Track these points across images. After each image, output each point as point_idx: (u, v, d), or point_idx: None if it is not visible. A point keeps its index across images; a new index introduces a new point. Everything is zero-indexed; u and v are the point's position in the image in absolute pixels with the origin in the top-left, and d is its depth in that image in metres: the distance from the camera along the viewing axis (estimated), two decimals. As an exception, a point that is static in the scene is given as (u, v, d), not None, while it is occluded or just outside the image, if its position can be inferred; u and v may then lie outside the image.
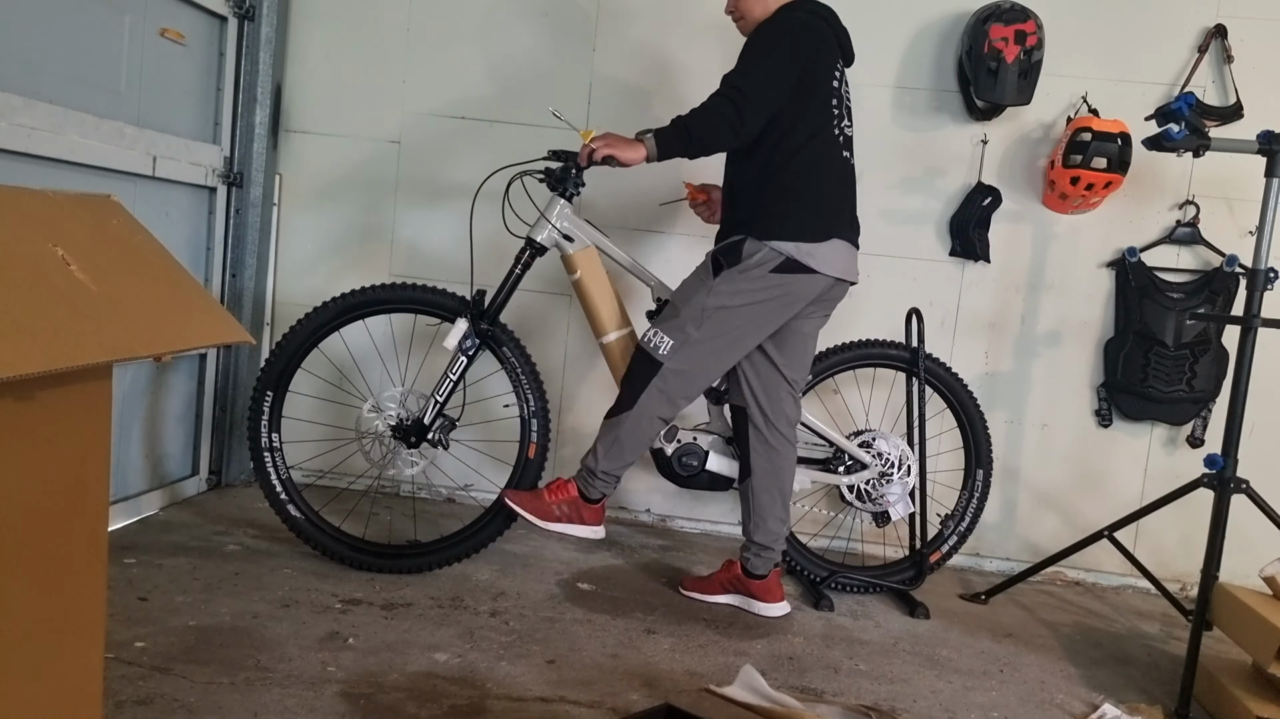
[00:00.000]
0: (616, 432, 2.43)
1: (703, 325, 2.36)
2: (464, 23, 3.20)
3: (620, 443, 2.44)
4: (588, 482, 2.48)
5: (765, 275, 2.33)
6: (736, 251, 2.36)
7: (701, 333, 2.37)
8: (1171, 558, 3.08)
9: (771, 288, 2.34)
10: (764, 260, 2.34)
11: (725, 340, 2.39)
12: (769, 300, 2.36)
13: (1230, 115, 2.97)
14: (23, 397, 0.98)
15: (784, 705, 1.85)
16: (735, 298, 2.35)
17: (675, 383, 2.40)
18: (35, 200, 1.09)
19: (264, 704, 1.77)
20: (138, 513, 2.80)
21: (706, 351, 2.39)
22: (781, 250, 2.33)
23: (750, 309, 2.36)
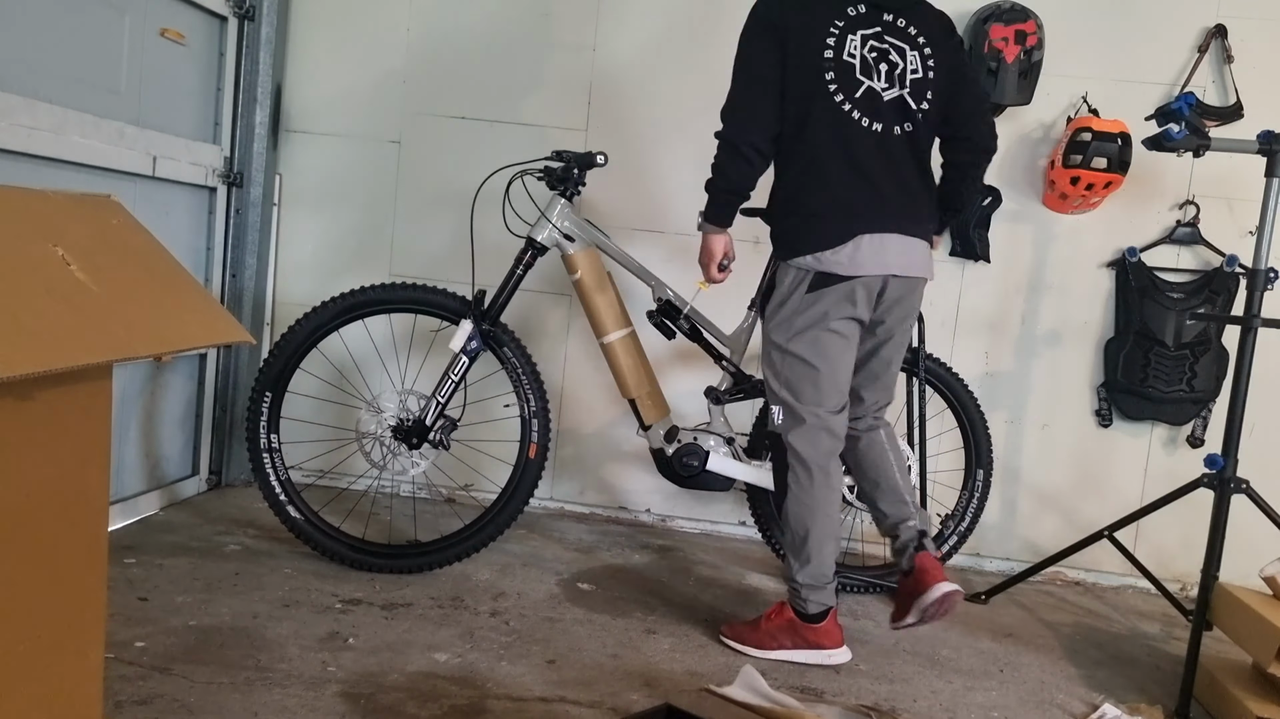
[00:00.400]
0: (788, 526, 2.23)
1: (781, 375, 2.21)
2: (464, 23, 3.20)
3: (795, 533, 2.21)
4: (795, 596, 2.23)
5: (803, 297, 2.15)
6: (771, 284, 2.27)
7: (785, 384, 2.21)
8: (1171, 558, 3.08)
9: (817, 306, 2.14)
10: (794, 282, 2.16)
11: (807, 378, 2.18)
12: (822, 319, 2.14)
13: (1230, 115, 2.97)
14: (23, 396, 0.98)
15: (784, 705, 1.85)
16: (789, 333, 2.18)
17: (800, 440, 2.20)
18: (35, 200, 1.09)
19: (264, 704, 1.77)
20: (138, 513, 2.80)
21: (801, 395, 2.19)
22: (804, 266, 2.13)
23: (805, 335, 2.16)
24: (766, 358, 2.26)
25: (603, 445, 3.29)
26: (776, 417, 2.25)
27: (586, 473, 3.32)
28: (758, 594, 2.67)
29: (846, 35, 2.10)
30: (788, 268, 2.18)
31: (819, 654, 2.21)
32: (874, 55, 2.11)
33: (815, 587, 2.20)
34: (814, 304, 2.14)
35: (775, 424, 2.26)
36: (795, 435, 2.20)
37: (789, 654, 2.21)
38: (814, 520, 2.19)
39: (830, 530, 2.21)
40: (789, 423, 2.22)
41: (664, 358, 3.01)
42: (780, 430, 2.24)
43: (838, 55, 2.09)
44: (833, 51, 2.09)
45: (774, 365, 2.23)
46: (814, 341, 2.16)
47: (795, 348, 2.18)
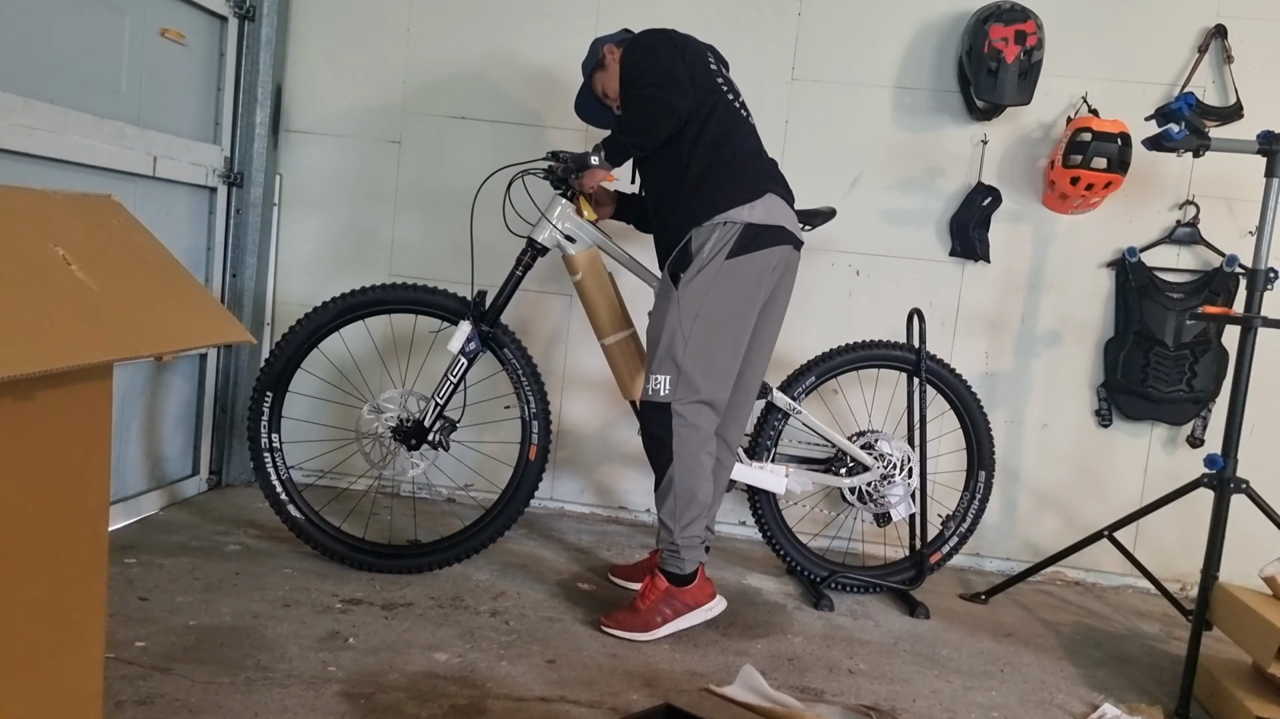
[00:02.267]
0: (672, 491, 2.30)
1: (689, 343, 2.26)
2: (464, 23, 3.20)
3: (680, 498, 2.29)
4: (674, 558, 2.32)
5: (724, 262, 2.25)
6: (686, 252, 2.29)
7: (690, 353, 2.26)
8: (1171, 558, 3.08)
9: (735, 270, 2.26)
10: (719, 243, 2.26)
11: (717, 345, 2.28)
12: (737, 284, 2.27)
13: (1230, 115, 2.97)
14: (23, 396, 0.98)
15: (784, 705, 1.86)
16: (705, 297, 2.26)
17: (692, 411, 2.28)
18: (35, 200, 1.09)
19: (264, 704, 1.77)
20: (138, 513, 2.80)
21: (704, 367, 2.27)
22: (732, 219, 2.26)
23: (724, 301, 2.26)
24: (670, 324, 2.28)
25: (603, 446, 3.29)
26: (664, 386, 2.28)
27: (586, 473, 3.32)
28: (758, 594, 2.67)
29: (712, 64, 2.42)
30: (709, 230, 2.28)
31: (701, 613, 2.34)
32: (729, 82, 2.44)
33: (693, 547, 2.32)
34: (732, 270, 2.26)
35: (661, 394, 2.28)
36: (687, 405, 2.27)
37: (676, 624, 2.30)
38: (698, 483, 2.29)
39: (708, 495, 2.33)
40: (682, 392, 2.27)
41: (664, 358, 3.00)
42: (666, 400, 2.27)
43: (719, 74, 2.41)
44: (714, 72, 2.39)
45: (682, 332, 2.26)
46: (731, 307, 2.28)
47: (710, 313, 2.26)
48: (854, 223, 3.12)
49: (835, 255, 3.15)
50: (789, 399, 2.69)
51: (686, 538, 2.31)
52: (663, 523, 2.33)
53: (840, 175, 3.14)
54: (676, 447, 2.28)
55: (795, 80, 3.13)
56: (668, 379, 2.28)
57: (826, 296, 3.16)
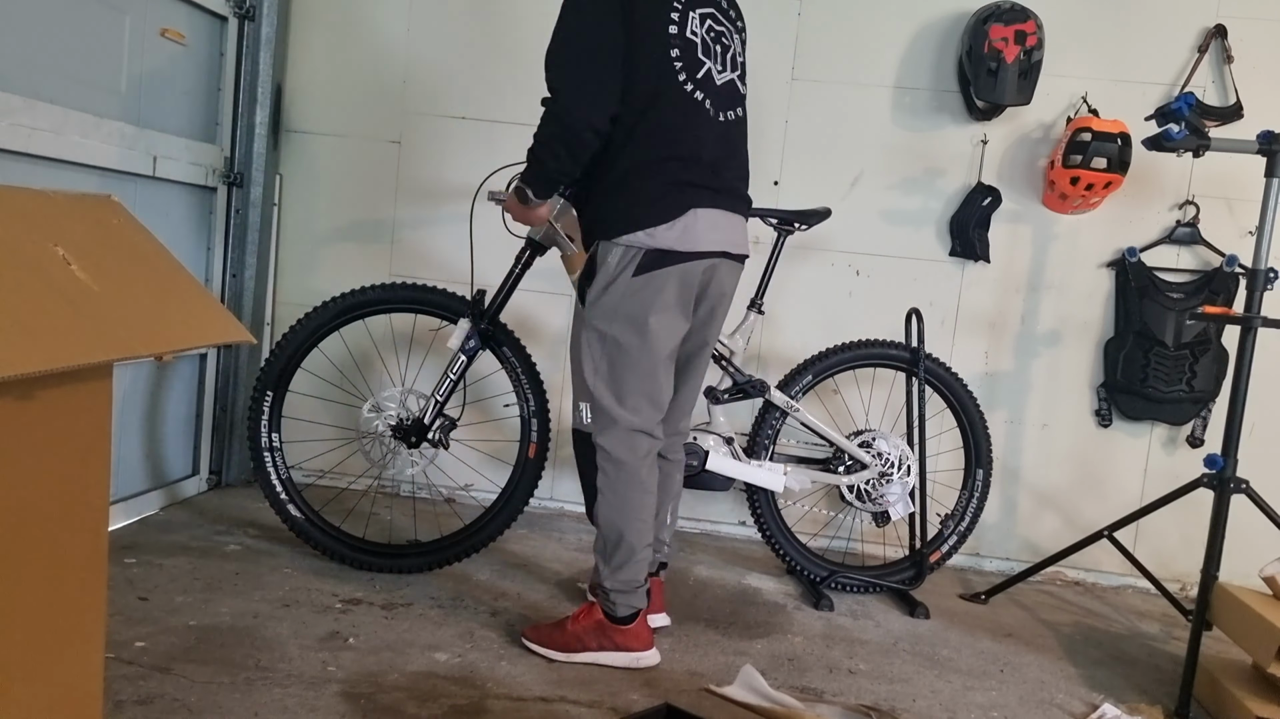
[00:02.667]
0: (600, 532, 2.10)
1: (599, 368, 2.02)
2: (464, 23, 3.20)
3: (608, 540, 2.08)
4: (605, 599, 2.10)
5: (629, 281, 1.97)
6: (591, 265, 2.03)
7: (602, 378, 2.02)
8: (1171, 558, 3.08)
9: (644, 290, 1.97)
10: (621, 262, 1.98)
11: (631, 371, 2.01)
12: (646, 304, 1.98)
13: (1230, 115, 2.97)
14: (23, 396, 0.98)
15: (784, 705, 1.86)
16: (614, 320, 2.00)
17: (617, 443, 2.04)
18: (35, 200, 1.09)
19: (264, 704, 1.77)
20: (138, 513, 2.80)
21: (620, 394, 2.03)
22: (634, 243, 1.95)
23: (633, 323, 1.99)
24: (582, 348, 2.05)
25: (603, 445, 3.29)
26: (585, 415, 2.08)
27: (586, 473, 3.31)
28: (758, 594, 2.67)
29: (688, 12, 1.99)
30: (613, 246, 1.98)
31: (628, 657, 2.09)
32: (711, 36, 2.03)
33: (625, 591, 2.08)
34: (643, 287, 1.97)
35: (584, 422, 2.09)
36: (608, 437, 2.04)
37: (595, 656, 2.08)
38: (627, 525, 2.05)
39: (644, 536, 2.07)
40: (602, 422, 2.04)
41: (664, 358, 3.00)
42: (589, 430, 2.07)
43: (681, 32, 1.98)
44: (677, 27, 1.97)
45: (591, 355, 2.03)
46: (642, 328, 1.99)
47: (620, 334, 2.00)
48: (854, 222, 3.12)
49: (835, 255, 3.15)
50: (787, 398, 2.69)
51: (618, 582, 2.07)
52: (597, 562, 2.13)
53: (840, 175, 3.14)
54: (601, 484, 2.07)
55: (795, 80, 3.13)
56: (587, 407, 2.07)
57: (826, 296, 3.16)
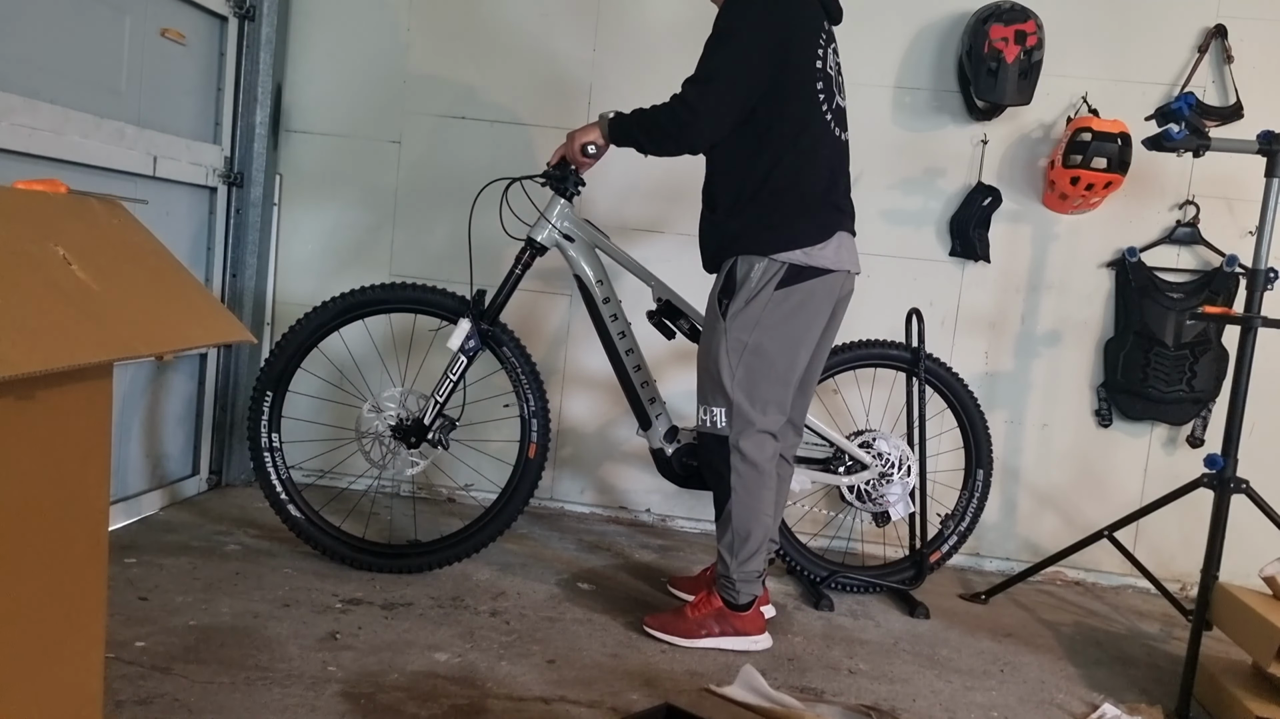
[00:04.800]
0: (730, 526, 2.24)
1: (737, 375, 2.16)
2: (464, 22, 3.20)
3: (739, 534, 2.23)
4: (728, 589, 2.27)
5: (773, 294, 2.14)
6: (733, 279, 2.18)
7: (740, 384, 2.17)
8: (1171, 558, 3.08)
9: (786, 302, 2.15)
10: (767, 275, 2.14)
11: (767, 378, 2.18)
12: (788, 316, 2.16)
13: (1230, 115, 2.97)
14: (23, 396, 0.98)
15: (784, 705, 1.86)
16: (755, 329, 2.15)
17: (752, 445, 2.20)
18: (35, 200, 1.09)
19: (264, 704, 1.77)
20: (138, 513, 2.80)
21: (755, 399, 2.18)
22: (786, 260, 2.13)
23: (774, 333, 2.15)
24: (719, 356, 2.18)
25: (603, 445, 3.29)
26: (719, 419, 2.20)
27: (586, 473, 3.32)
28: (758, 594, 2.67)
29: (826, 49, 2.19)
30: (757, 261, 2.15)
31: (746, 641, 2.26)
32: (835, 70, 2.24)
33: (749, 581, 2.26)
34: (785, 300, 2.15)
35: (718, 427, 2.21)
36: (746, 439, 2.19)
37: (716, 642, 2.25)
38: (757, 523, 2.23)
39: (768, 531, 2.27)
40: (739, 425, 2.19)
41: (664, 358, 3.01)
42: (726, 433, 2.20)
43: (823, 67, 2.17)
44: (821, 63, 2.17)
45: (729, 364, 2.17)
46: (778, 339, 2.16)
47: (760, 344, 2.16)
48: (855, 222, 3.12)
49: (835, 255, 3.15)
50: (789, 399, 2.69)
51: (743, 573, 2.26)
52: (720, 554, 2.28)
53: (840, 175, 3.14)
54: (735, 483, 2.22)
55: (795, 80, 3.13)
56: (722, 412, 2.20)
57: (826, 296, 3.16)
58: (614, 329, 2.59)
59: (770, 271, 2.14)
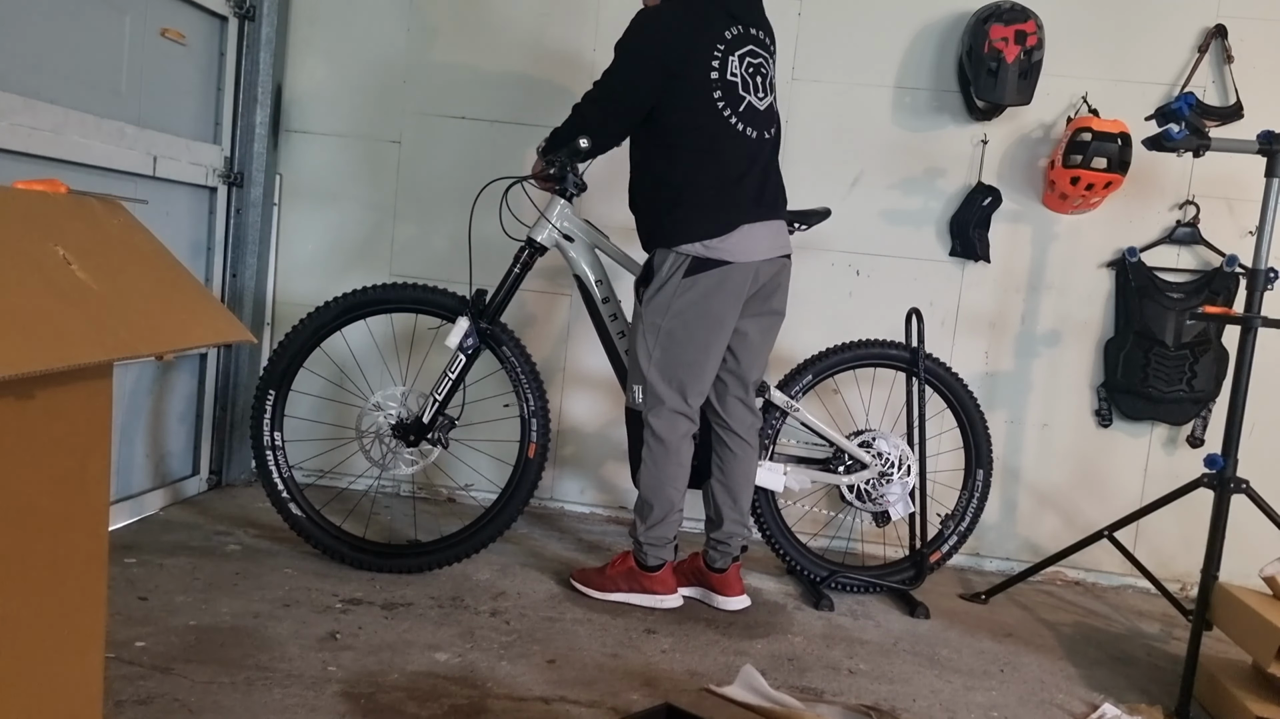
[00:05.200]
0: (640, 494, 2.46)
1: (653, 356, 2.36)
2: (464, 23, 3.20)
3: (645, 501, 2.45)
4: (639, 550, 2.48)
5: (681, 280, 2.32)
6: (649, 268, 2.40)
7: (655, 364, 2.36)
8: (1171, 558, 3.08)
9: (694, 289, 2.32)
10: (675, 266, 2.33)
11: (679, 360, 2.36)
12: (700, 301, 2.32)
13: (1230, 115, 2.97)
14: (23, 396, 0.98)
15: (784, 705, 1.86)
16: (666, 314, 2.34)
17: (662, 423, 2.39)
18: (35, 200, 1.09)
19: (264, 704, 1.77)
20: (139, 512, 2.80)
21: (669, 379, 2.37)
22: (688, 252, 2.31)
23: (685, 318, 2.33)
24: (638, 338, 2.39)
25: (603, 445, 3.29)
26: (637, 395, 2.41)
27: (586, 472, 3.32)
28: (758, 594, 2.67)
29: (728, 57, 2.32)
30: (669, 254, 2.34)
31: (653, 598, 2.48)
32: (750, 71, 2.36)
33: (657, 545, 2.47)
34: (693, 286, 2.32)
35: (636, 402, 2.42)
36: (656, 417, 2.39)
37: (626, 597, 2.48)
38: (661, 493, 2.43)
39: (675, 502, 2.45)
40: (651, 403, 2.39)
41: (664, 358, 3.00)
42: (641, 409, 2.41)
43: (722, 75, 2.31)
44: (718, 73, 2.31)
45: (646, 345, 2.37)
46: (687, 324, 2.34)
47: (671, 328, 2.34)
48: (854, 223, 3.12)
49: (835, 255, 3.15)
50: (786, 397, 2.69)
51: (649, 538, 2.46)
52: (635, 519, 2.50)
53: (840, 175, 3.14)
54: (645, 456, 2.43)
55: (795, 80, 3.13)
56: (639, 388, 2.41)
57: (827, 296, 3.16)
58: (614, 329, 2.60)
59: (676, 263, 2.33)
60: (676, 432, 2.40)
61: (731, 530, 2.52)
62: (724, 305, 2.34)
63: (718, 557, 2.53)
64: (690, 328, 2.34)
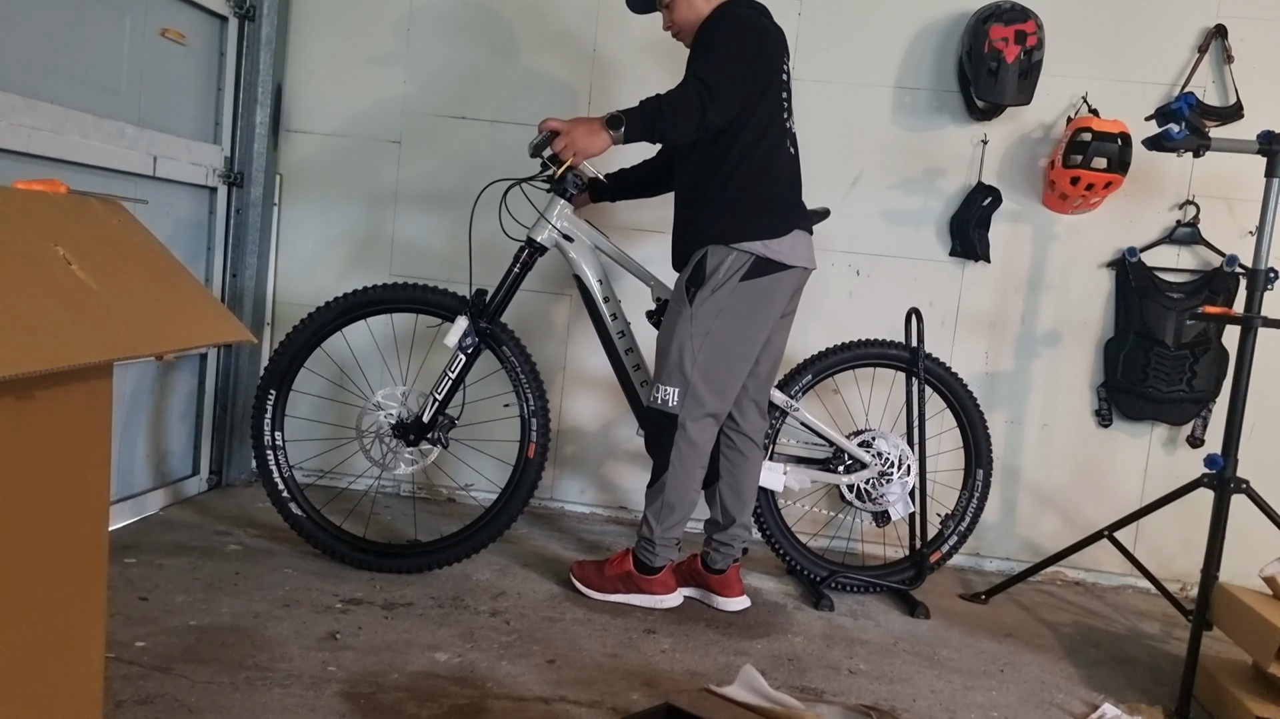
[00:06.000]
0: (662, 496, 2.43)
1: (698, 359, 2.33)
2: (464, 23, 3.20)
3: (668, 504, 2.43)
4: (647, 551, 2.47)
5: (738, 285, 2.31)
6: (702, 269, 2.34)
7: (700, 368, 2.34)
8: (1171, 558, 3.08)
9: (749, 294, 2.32)
10: (734, 267, 2.31)
11: (725, 363, 2.36)
12: (751, 307, 2.34)
13: (1230, 115, 2.97)
14: (23, 396, 0.98)
15: (784, 705, 1.85)
16: (718, 317, 2.32)
17: (698, 428, 2.38)
18: (35, 200, 1.09)
19: (264, 704, 1.77)
20: (139, 512, 2.81)
21: (711, 383, 2.35)
22: (750, 251, 2.31)
23: (736, 322, 2.33)
24: (683, 341, 2.34)
25: (603, 445, 3.29)
26: (672, 398, 2.36)
27: (587, 472, 3.32)
28: (758, 594, 2.67)
29: (787, 64, 2.40)
30: (727, 251, 2.32)
31: (653, 599, 2.48)
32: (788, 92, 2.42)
33: (667, 546, 2.47)
34: (748, 290, 2.32)
35: (670, 405, 2.36)
36: (694, 422, 2.37)
37: (625, 598, 2.49)
38: (684, 498, 2.43)
39: (693, 505, 2.47)
40: (690, 407, 2.36)
41: (664, 358, 3.01)
42: (676, 413, 2.36)
43: (788, 80, 2.40)
44: (786, 75, 2.39)
45: (692, 348, 2.33)
46: (738, 327, 2.34)
47: (716, 329, 2.33)
48: (854, 223, 3.13)
49: (835, 255, 3.15)
50: (786, 397, 2.69)
51: (664, 539, 2.46)
52: (646, 518, 2.47)
53: (840, 175, 3.14)
54: (674, 460, 2.40)
55: (795, 80, 3.11)
56: (676, 391, 2.36)
57: (827, 296, 3.16)
58: (614, 329, 2.60)
59: (737, 264, 2.31)
60: (707, 436, 2.41)
61: (736, 532, 2.52)
62: (773, 310, 2.37)
63: (719, 558, 2.53)
64: (740, 332, 2.34)
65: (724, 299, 2.32)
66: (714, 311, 2.32)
